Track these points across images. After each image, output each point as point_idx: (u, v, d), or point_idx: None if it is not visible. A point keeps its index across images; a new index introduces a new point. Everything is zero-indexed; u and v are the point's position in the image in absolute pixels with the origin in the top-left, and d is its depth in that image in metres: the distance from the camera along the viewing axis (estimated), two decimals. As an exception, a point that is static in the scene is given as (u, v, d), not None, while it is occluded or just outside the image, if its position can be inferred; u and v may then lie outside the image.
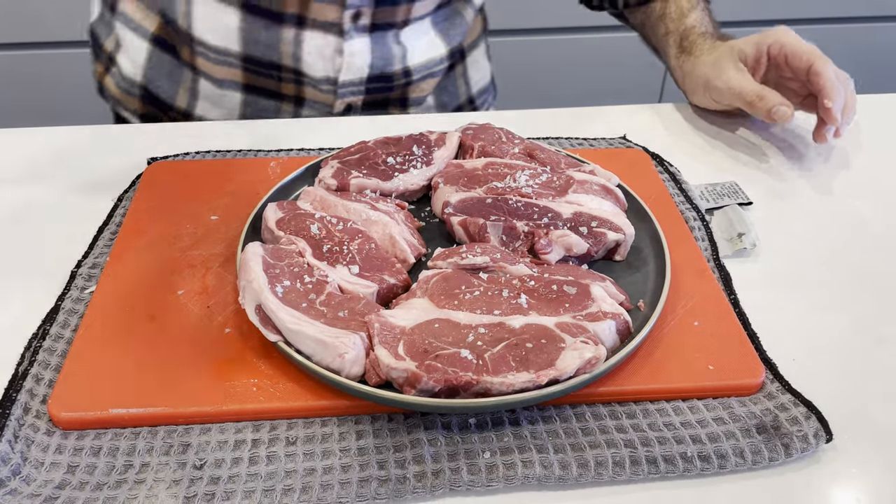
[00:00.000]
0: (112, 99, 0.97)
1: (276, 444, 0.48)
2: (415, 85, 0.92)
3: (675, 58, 0.89)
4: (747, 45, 0.82)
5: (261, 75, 0.87)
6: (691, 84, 0.87)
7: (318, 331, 0.50)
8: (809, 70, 0.77)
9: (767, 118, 0.78)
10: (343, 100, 0.88)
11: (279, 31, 0.83)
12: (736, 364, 0.53)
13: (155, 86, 0.91)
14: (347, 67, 0.86)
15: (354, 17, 0.84)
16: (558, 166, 0.70)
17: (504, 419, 0.50)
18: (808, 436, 0.49)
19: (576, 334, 0.50)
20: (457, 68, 0.98)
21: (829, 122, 0.76)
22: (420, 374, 0.47)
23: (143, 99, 0.93)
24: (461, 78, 0.99)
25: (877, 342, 0.58)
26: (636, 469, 0.47)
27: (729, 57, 0.82)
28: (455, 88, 0.98)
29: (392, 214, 0.63)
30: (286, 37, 0.83)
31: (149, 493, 0.45)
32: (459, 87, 0.99)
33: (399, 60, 0.89)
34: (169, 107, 0.92)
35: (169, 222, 0.66)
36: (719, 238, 0.67)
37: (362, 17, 0.84)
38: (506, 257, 0.59)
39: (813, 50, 0.78)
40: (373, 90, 0.89)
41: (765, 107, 0.78)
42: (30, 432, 0.49)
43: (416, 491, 0.46)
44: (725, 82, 0.81)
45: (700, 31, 0.88)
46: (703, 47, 0.86)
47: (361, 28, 0.85)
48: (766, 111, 0.78)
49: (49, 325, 0.56)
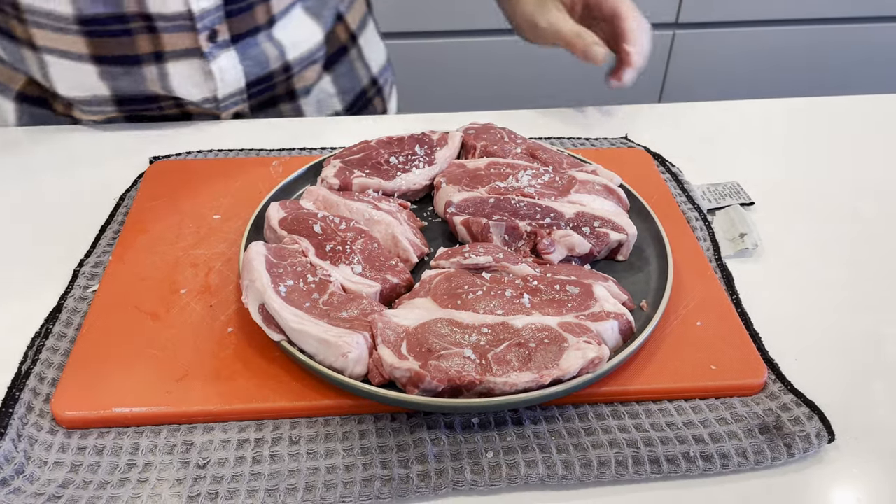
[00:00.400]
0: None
1: (280, 444, 0.48)
2: (297, 77, 0.90)
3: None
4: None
5: (142, 109, 0.84)
6: (518, 21, 0.90)
7: (321, 330, 0.50)
8: (614, 14, 0.83)
9: (583, 57, 0.82)
10: (229, 111, 0.86)
11: (141, 72, 0.80)
12: (738, 364, 0.53)
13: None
14: (222, 85, 0.83)
15: (211, 37, 0.79)
16: (560, 166, 0.70)
17: (507, 419, 0.50)
18: (811, 436, 0.49)
19: (579, 334, 0.51)
20: (350, 52, 0.96)
21: (627, 64, 0.82)
22: (423, 374, 0.47)
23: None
24: (358, 60, 0.97)
25: (879, 342, 0.58)
26: (639, 469, 0.47)
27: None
28: (354, 72, 0.97)
29: (395, 214, 0.63)
30: (149, 75, 0.80)
31: (152, 493, 0.46)
32: (359, 70, 0.98)
33: (276, 59, 0.86)
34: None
35: (171, 221, 0.66)
36: (721, 238, 0.68)
37: (219, 34, 0.80)
38: (508, 257, 0.59)
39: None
40: (255, 94, 0.87)
41: (582, 44, 0.82)
42: (33, 431, 0.49)
43: (420, 490, 0.46)
44: (548, 21, 0.85)
45: None
46: None
47: (223, 44, 0.81)
48: (582, 50, 0.82)
49: (52, 324, 0.56)
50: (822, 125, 0.87)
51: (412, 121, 0.88)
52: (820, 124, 0.87)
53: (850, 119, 0.89)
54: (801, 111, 0.89)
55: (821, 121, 0.88)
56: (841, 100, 0.93)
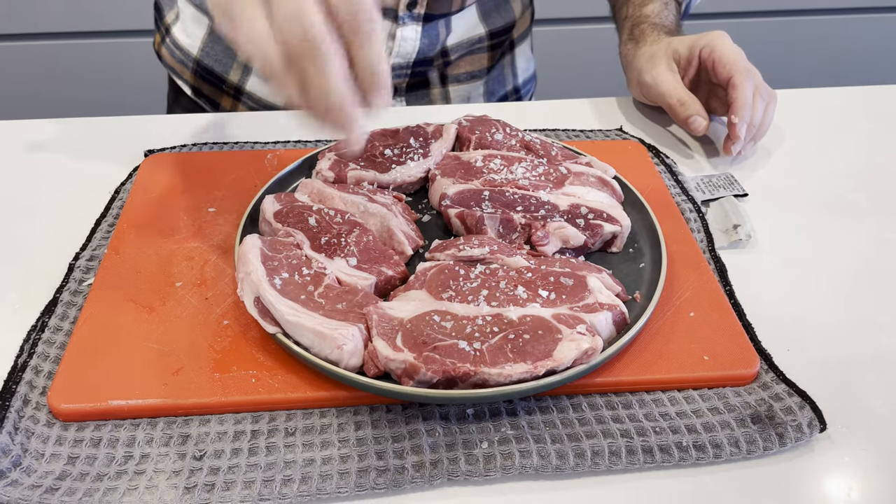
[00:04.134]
0: (168, 66, 1.00)
1: (276, 435, 0.49)
2: (454, 64, 0.95)
3: (623, 44, 0.89)
4: (682, 45, 0.81)
5: None
6: (629, 74, 0.87)
7: (316, 322, 0.50)
8: (728, 82, 0.77)
9: (684, 125, 0.79)
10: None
11: None
12: (731, 354, 0.54)
13: (211, 59, 0.93)
14: (397, 52, 0.89)
15: (409, 6, 0.86)
16: (555, 158, 0.70)
17: (501, 410, 0.51)
18: (802, 425, 0.49)
19: (573, 325, 0.51)
20: (505, 57, 1.01)
21: (731, 137, 0.76)
22: (418, 366, 0.48)
23: (194, 73, 0.95)
24: (509, 67, 1.02)
25: (871, 332, 0.58)
26: (632, 458, 0.48)
27: (664, 53, 0.82)
28: (503, 77, 1.01)
29: (389, 206, 0.63)
30: None
31: (149, 484, 0.46)
32: (507, 77, 1.02)
33: (442, 42, 0.91)
34: (221, 80, 0.94)
35: (166, 214, 0.66)
36: (715, 229, 0.68)
37: (417, 5, 0.86)
38: (503, 249, 0.59)
39: (737, 61, 0.77)
40: (416, 73, 0.93)
41: (684, 113, 0.78)
42: (30, 424, 0.49)
43: (415, 481, 0.46)
44: (654, 78, 0.81)
45: (653, 21, 0.87)
46: (648, 38, 0.86)
47: (415, 16, 0.87)
48: (684, 118, 0.79)
49: (48, 317, 0.56)
50: (815, 117, 0.88)
51: (407, 113, 0.88)
52: (814, 116, 0.88)
53: (844, 110, 0.89)
54: (795, 102, 0.89)
55: (814, 112, 0.88)
56: (835, 91, 0.93)
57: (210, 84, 0.95)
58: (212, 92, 0.96)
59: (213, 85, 0.95)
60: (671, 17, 0.89)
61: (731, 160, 0.79)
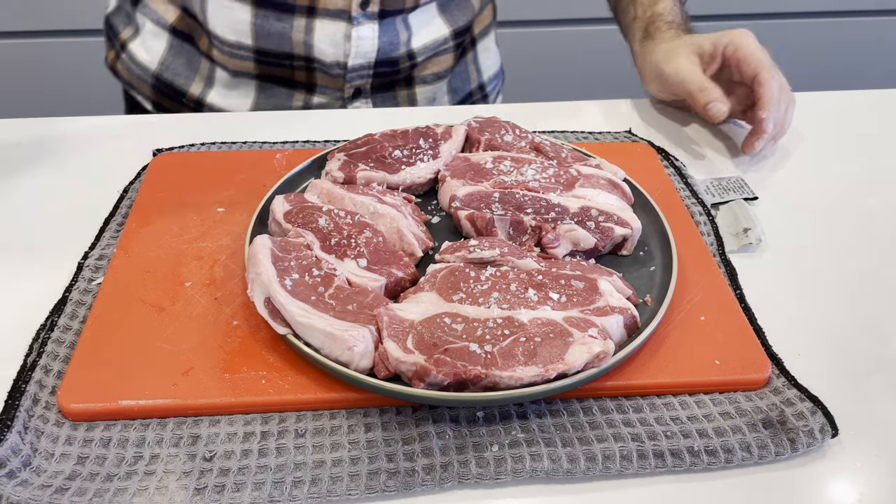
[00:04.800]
0: (124, 81, 1.00)
1: (286, 437, 0.49)
2: (420, 66, 0.95)
3: (639, 42, 0.89)
4: (706, 41, 0.82)
5: (273, 66, 0.90)
6: (646, 70, 0.87)
7: (327, 324, 0.50)
8: (754, 79, 0.77)
9: (703, 112, 0.79)
10: (352, 84, 0.91)
11: (290, 22, 0.87)
12: (742, 359, 0.54)
13: (171, 72, 0.94)
14: (356, 52, 0.89)
15: (362, 5, 0.87)
16: (565, 160, 0.70)
17: (512, 413, 0.50)
18: (814, 431, 0.49)
19: (584, 329, 0.51)
20: (468, 54, 1.01)
21: (759, 132, 0.76)
22: (429, 368, 0.47)
23: (153, 88, 0.96)
24: (472, 64, 1.02)
25: (883, 337, 0.58)
26: (643, 463, 0.48)
27: (685, 47, 0.82)
28: (466, 74, 1.01)
29: (399, 208, 0.63)
30: (297, 26, 0.87)
31: (159, 485, 0.46)
32: (471, 74, 1.02)
33: (404, 44, 0.92)
34: (182, 94, 0.94)
35: (175, 214, 0.66)
36: (725, 233, 0.68)
37: (370, 4, 0.87)
38: (513, 251, 0.59)
39: (763, 59, 0.78)
40: (380, 74, 0.92)
41: (704, 98, 0.78)
42: (39, 423, 0.49)
43: (425, 483, 0.46)
44: (674, 68, 0.81)
45: (667, 19, 0.88)
46: (665, 35, 0.86)
47: (370, 15, 0.88)
48: (703, 104, 0.78)
49: (57, 317, 0.56)
50: (826, 120, 0.87)
51: (417, 113, 0.88)
52: (824, 119, 0.87)
53: (854, 114, 0.89)
54: (806, 106, 0.88)
55: (825, 115, 0.88)
56: (845, 94, 0.93)
57: (170, 98, 0.96)
58: (172, 105, 0.96)
59: (172, 99, 0.96)
60: (681, 14, 0.90)
61: (746, 160, 0.78)
